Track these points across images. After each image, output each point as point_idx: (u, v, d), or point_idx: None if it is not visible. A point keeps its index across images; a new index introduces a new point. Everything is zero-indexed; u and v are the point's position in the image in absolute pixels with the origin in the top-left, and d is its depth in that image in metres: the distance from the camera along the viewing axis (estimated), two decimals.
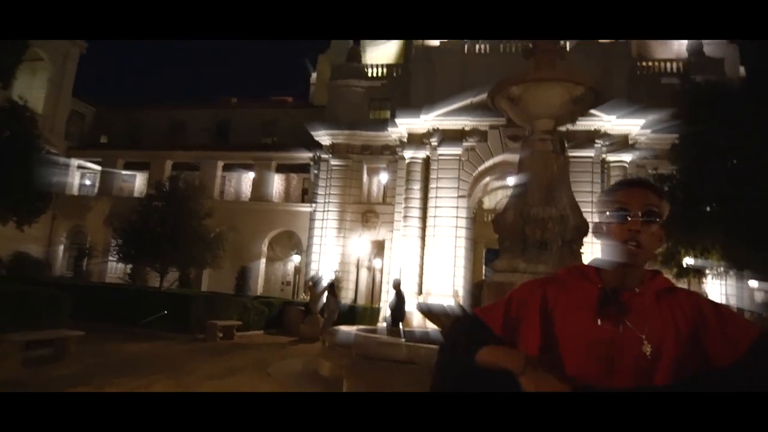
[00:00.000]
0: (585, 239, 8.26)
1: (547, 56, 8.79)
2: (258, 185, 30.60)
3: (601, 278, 1.39)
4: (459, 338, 1.41)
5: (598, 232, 1.43)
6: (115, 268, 25.90)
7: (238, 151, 31.08)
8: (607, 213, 1.39)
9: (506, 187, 25.90)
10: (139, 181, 33.64)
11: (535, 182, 8.14)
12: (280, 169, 31.23)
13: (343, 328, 8.77)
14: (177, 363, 8.69)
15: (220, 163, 31.22)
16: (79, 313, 9.58)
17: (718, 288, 22.77)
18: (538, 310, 1.37)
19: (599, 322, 1.30)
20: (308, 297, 16.76)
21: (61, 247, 31.40)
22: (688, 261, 16.08)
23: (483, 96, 14.70)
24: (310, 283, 13.77)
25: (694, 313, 1.31)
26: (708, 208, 15.00)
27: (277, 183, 31.94)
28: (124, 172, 32.79)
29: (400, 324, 10.80)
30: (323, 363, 7.91)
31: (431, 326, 10.11)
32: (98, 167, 32.49)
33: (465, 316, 1.48)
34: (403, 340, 7.69)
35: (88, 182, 34.64)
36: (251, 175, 31.45)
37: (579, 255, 8.07)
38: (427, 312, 8.62)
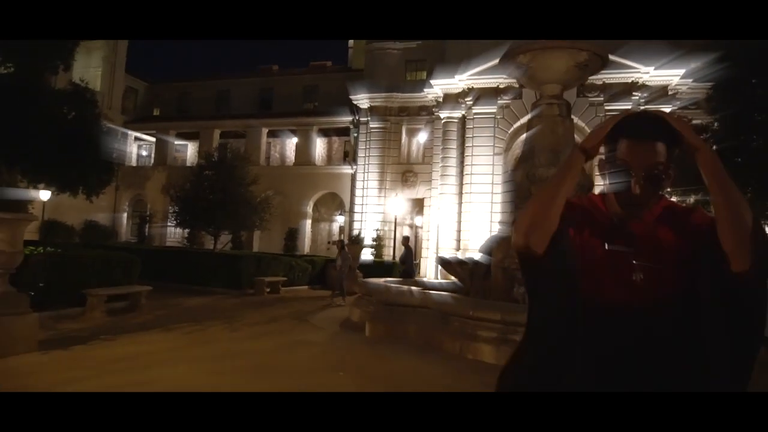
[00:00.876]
0: None
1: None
2: (301, 150, 31.86)
3: (607, 208, 1.43)
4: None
5: (602, 170, 1.42)
6: (174, 233, 28.02)
7: (280, 118, 32.31)
8: (607, 172, 1.39)
9: None
10: (190, 151, 35.56)
11: (541, 144, 8.82)
12: (321, 133, 32.38)
13: (372, 280, 9.87)
14: (229, 312, 10.07)
15: (265, 130, 32.58)
16: (144, 274, 11.01)
17: None
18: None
19: (607, 247, 1.35)
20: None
21: (125, 215, 33.90)
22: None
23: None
24: (347, 242, 15.08)
25: (692, 229, 1.36)
26: (739, 159, 15.01)
27: (319, 147, 33.11)
28: (176, 142, 34.77)
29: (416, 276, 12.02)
30: (354, 311, 9.06)
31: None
32: (152, 139, 34.57)
33: None
34: (413, 288, 8.68)
35: (144, 153, 36.87)
36: (294, 140, 32.72)
37: None
38: (445, 264, 9.58)
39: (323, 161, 33.29)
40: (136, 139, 35.37)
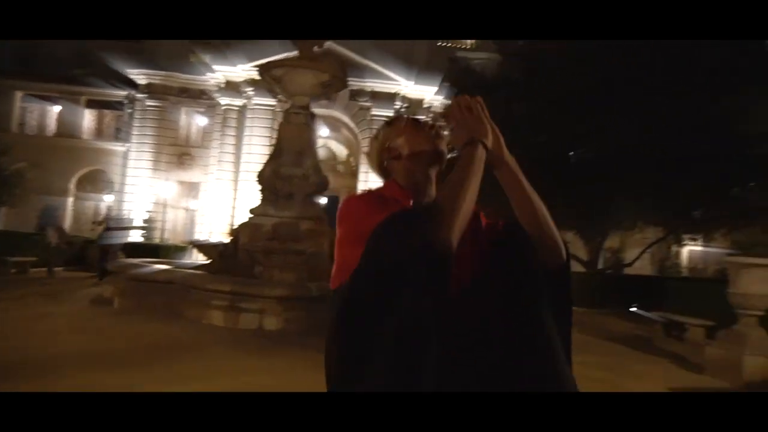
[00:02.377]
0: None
1: (306, 44, 10.90)
2: (65, 120, 29.22)
3: (410, 196, 1.39)
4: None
5: (393, 158, 1.44)
6: None
7: (42, 82, 29.07)
8: (404, 125, 1.45)
9: (320, 137, 28.26)
10: None
11: (288, 147, 10.45)
12: (91, 104, 30.03)
13: (128, 260, 10.49)
14: None
15: (20, 93, 29.08)
16: None
17: None
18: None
19: None
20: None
21: None
22: None
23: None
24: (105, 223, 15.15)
25: (487, 228, 1.38)
26: None
27: (87, 118, 30.67)
28: None
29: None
30: (107, 288, 9.63)
31: None
32: None
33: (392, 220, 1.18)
34: (165, 267, 9.67)
35: None
36: (58, 108, 29.80)
37: (318, 204, 10.70)
38: (198, 246, 10.69)
39: (91, 135, 30.92)
40: None
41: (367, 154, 1.54)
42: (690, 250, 28.03)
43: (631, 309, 13.43)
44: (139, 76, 27.05)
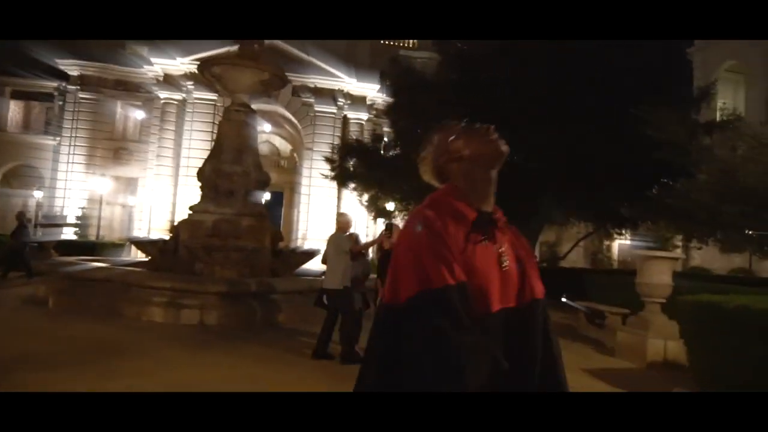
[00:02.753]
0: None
1: (247, 43, 10.97)
2: None
3: (470, 203, 1.38)
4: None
5: (452, 160, 1.44)
6: None
7: None
8: (459, 128, 1.46)
9: (263, 132, 28.03)
10: None
11: (228, 144, 10.50)
12: (16, 95, 28.57)
13: (62, 258, 10.27)
14: None
15: None
16: None
17: None
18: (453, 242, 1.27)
19: (483, 242, 1.31)
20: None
21: None
22: (388, 206, 20.37)
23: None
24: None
25: (527, 246, 1.44)
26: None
27: (13, 111, 29.16)
28: None
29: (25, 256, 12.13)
30: (40, 287, 9.41)
31: None
32: None
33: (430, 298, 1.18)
34: (102, 264, 9.58)
35: None
36: None
37: (259, 201, 10.83)
38: (136, 243, 10.60)
39: (17, 128, 29.39)
40: None
41: (422, 158, 1.52)
42: (620, 243, 29.63)
43: (562, 299, 14.20)
44: (70, 67, 25.99)
